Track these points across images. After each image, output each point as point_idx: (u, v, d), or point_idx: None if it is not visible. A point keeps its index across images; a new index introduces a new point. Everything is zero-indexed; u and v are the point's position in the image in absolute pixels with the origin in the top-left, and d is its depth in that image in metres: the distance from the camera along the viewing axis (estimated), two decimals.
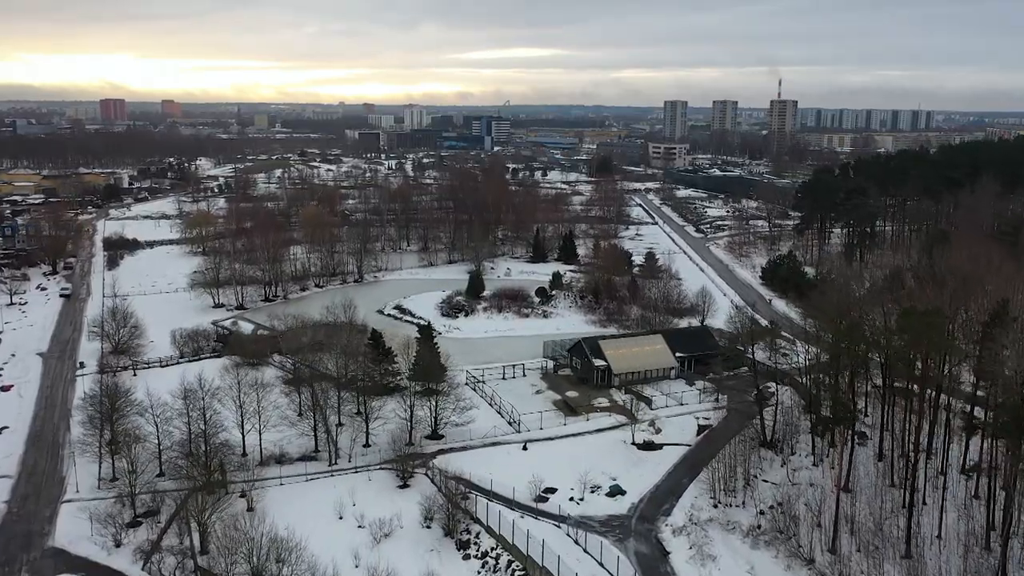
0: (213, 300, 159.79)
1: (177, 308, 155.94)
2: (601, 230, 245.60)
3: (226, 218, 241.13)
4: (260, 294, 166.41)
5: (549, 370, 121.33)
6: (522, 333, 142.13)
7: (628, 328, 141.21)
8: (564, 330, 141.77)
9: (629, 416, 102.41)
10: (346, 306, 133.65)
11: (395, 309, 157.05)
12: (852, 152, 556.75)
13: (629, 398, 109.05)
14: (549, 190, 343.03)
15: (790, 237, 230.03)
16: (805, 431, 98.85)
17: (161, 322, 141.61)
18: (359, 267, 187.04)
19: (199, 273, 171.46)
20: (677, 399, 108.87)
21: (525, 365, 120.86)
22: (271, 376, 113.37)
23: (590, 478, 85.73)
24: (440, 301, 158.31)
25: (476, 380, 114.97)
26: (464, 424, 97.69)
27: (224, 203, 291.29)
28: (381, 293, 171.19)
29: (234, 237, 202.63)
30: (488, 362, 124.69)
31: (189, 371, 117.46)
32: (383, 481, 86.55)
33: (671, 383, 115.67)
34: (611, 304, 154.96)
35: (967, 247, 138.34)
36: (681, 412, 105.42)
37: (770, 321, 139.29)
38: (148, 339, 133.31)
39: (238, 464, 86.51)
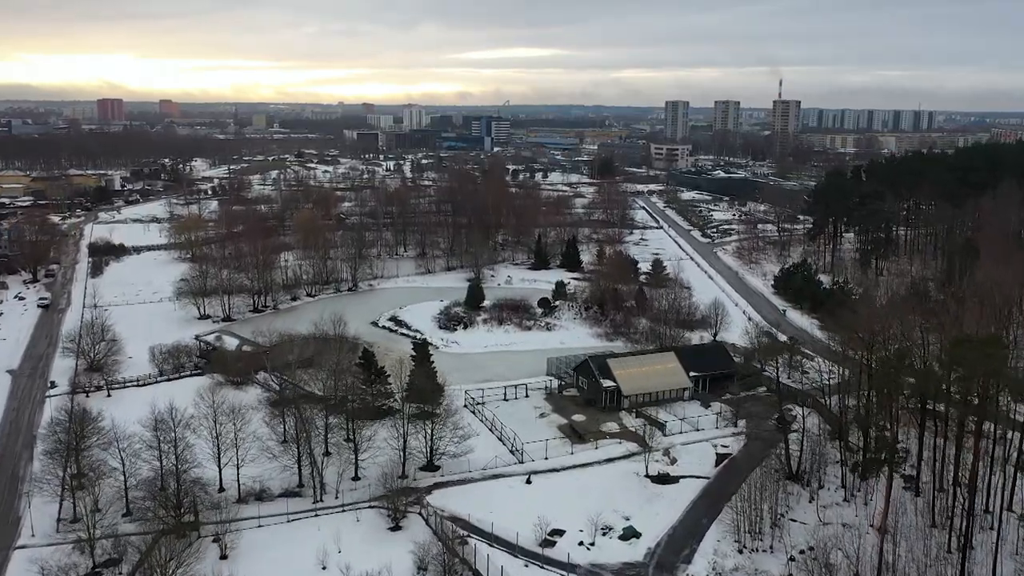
0: (199, 311, 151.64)
1: (160, 320, 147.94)
2: (605, 235, 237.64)
3: (217, 222, 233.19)
4: (249, 304, 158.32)
5: (554, 390, 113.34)
6: (524, 347, 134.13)
7: (636, 342, 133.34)
8: (568, 344, 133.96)
9: (641, 444, 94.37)
10: (336, 322, 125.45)
11: (390, 321, 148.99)
12: (856, 153, 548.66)
13: (641, 423, 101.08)
14: (550, 192, 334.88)
15: (800, 242, 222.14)
16: (833, 460, 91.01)
17: (142, 335, 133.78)
18: (353, 275, 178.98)
19: (185, 281, 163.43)
20: (693, 424, 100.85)
21: (528, 385, 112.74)
22: (255, 397, 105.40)
23: (601, 518, 77.72)
24: (437, 312, 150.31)
25: (475, 402, 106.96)
26: (462, 454, 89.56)
27: (217, 206, 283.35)
28: (376, 303, 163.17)
29: (223, 243, 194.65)
30: (488, 380, 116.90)
31: (167, 391, 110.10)
32: (372, 522, 78.48)
33: (685, 405, 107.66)
34: (618, 316, 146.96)
35: (995, 256, 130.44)
36: (697, 439, 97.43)
37: (789, 338, 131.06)
38: (126, 355, 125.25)
39: (213, 502, 78.43)
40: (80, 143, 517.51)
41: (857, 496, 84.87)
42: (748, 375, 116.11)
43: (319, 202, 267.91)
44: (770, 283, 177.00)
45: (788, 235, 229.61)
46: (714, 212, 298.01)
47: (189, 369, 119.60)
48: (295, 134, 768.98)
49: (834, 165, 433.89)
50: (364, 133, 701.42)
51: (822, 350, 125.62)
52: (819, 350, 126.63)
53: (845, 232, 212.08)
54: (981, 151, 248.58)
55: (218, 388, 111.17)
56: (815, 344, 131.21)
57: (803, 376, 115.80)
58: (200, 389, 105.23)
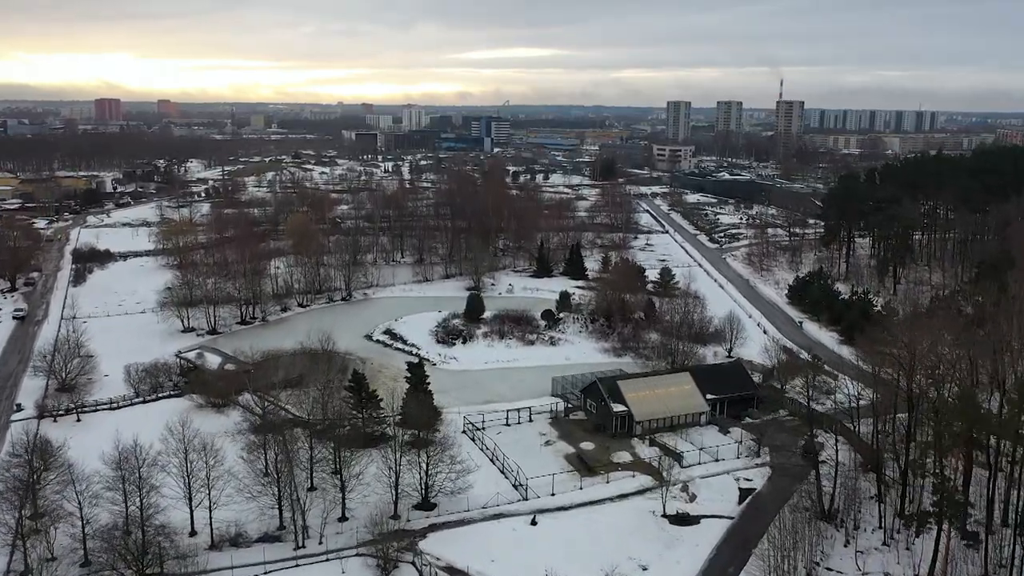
0: (183, 323, 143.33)
1: (141, 333, 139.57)
2: (609, 240, 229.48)
3: (207, 226, 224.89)
4: (236, 315, 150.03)
5: (559, 413, 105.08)
6: (527, 363, 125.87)
7: (646, 357, 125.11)
8: (574, 359, 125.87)
9: (657, 477, 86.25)
10: (323, 341, 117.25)
11: (385, 334, 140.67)
12: (860, 154, 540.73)
13: (655, 452, 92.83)
14: (552, 195, 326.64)
15: (812, 248, 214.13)
16: (867, 496, 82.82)
17: (120, 351, 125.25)
18: (347, 283, 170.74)
19: (170, 291, 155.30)
20: (712, 453, 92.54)
21: (532, 408, 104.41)
22: (236, 422, 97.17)
23: (617, 571, 69.47)
24: (435, 325, 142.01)
25: (475, 428, 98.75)
26: (461, 491, 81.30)
27: (209, 209, 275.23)
28: (370, 314, 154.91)
29: (211, 249, 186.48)
30: (489, 401, 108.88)
31: (142, 415, 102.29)
32: (359, 573, 70.19)
33: (702, 431, 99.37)
34: (626, 329, 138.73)
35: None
36: (717, 471, 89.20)
37: (811, 355, 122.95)
38: (102, 373, 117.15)
39: (181, 551, 70.02)
40: (74, 144, 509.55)
41: (898, 539, 76.66)
42: (768, 397, 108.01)
43: (314, 205, 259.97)
44: (784, 292, 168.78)
45: (800, 240, 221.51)
46: (720, 215, 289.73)
47: (168, 389, 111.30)
48: (293, 134, 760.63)
49: (840, 167, 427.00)
50: (363, 134, 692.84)
51: (846, 368, 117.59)
52: (842, 367, 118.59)
53: (857, 238, 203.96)
54: (1006, 154, 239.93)
55: (197, 411, 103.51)
56: (838, 361, 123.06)
57: (827, 397, 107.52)
58: (177, 414, 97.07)
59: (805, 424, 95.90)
